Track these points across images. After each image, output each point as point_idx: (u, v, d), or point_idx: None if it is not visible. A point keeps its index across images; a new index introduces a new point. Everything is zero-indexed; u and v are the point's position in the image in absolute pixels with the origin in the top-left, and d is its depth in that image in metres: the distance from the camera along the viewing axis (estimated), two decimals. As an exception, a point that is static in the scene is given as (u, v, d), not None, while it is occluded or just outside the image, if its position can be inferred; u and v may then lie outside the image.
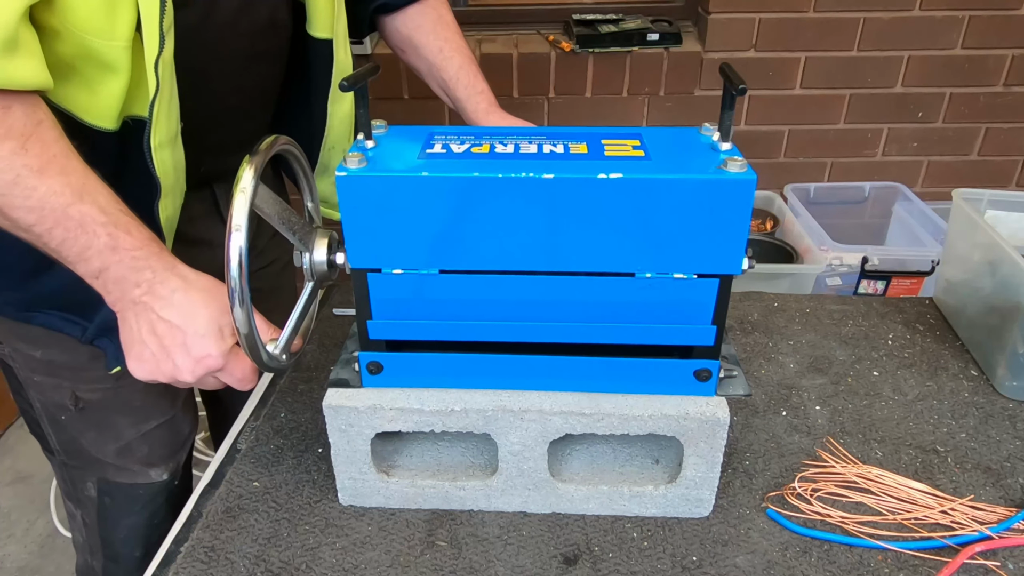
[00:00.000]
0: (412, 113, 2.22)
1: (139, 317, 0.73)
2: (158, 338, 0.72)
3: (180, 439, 1.07)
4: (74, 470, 1.05)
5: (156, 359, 0.73)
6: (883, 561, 0.74)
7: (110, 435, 1.00)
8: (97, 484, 1.04)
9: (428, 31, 1.10)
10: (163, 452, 1.05)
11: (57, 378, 0.96)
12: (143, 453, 1.03)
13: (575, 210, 0.65)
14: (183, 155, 0.82)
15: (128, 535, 1.08)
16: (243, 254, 0.63)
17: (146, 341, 0.73)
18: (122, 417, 1.00)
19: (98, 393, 0.97)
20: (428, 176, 0.65)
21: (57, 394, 0.97)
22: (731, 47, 2.19)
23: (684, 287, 0.69)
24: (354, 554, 0.76)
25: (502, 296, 0.71)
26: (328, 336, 1.08)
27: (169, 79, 0.75)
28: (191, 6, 0.76)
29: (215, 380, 0.76)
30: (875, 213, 2.25)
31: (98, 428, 1.00)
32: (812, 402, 0.96)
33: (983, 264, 1.03)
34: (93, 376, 0.95)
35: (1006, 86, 2.28)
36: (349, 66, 0.98)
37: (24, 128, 0.66)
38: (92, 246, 0.70)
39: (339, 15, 0.95)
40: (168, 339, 0.72)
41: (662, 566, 0.74)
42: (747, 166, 0.64)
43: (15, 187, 0.66)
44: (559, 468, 0.81)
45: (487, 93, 1.13)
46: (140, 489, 1.05)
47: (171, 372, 0.73)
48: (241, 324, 0.65)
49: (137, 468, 1.03)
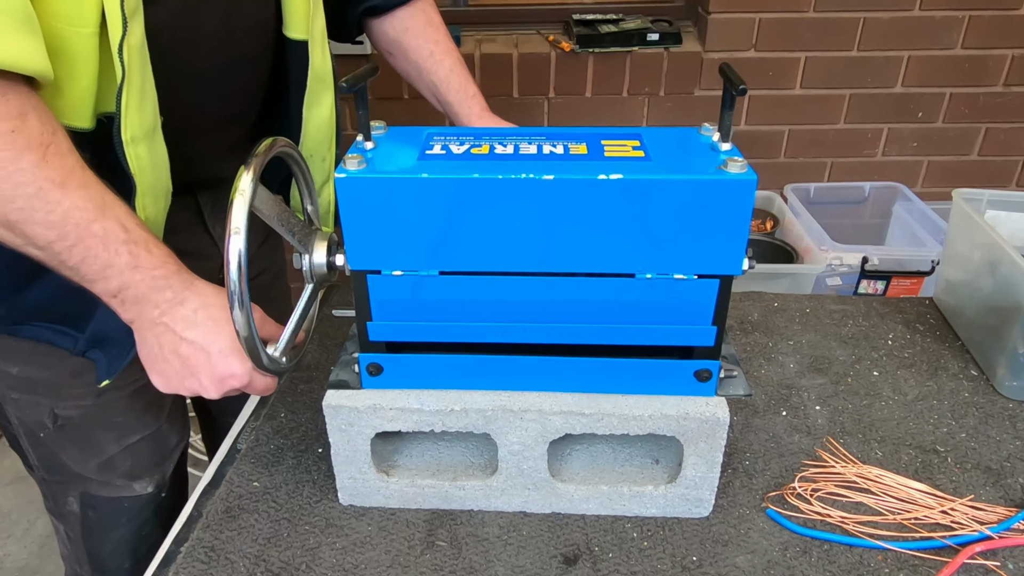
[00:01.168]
0: (412, 113, 2.21)
1: (160, 337, 0.72)
2: (182, 358, 0.72)
3: (166, 450, 1.04)
4: (55, 485, 1.02)
5: (181, 376, 0.73)
6: (883, 561, 0.74)
7: (91, 451, 0.98)
8: (80, 499, 1.01)
9: (418, 33, 1.09)
10: (148, 464, 1.02)
11: (35, 395, 0.93)
12: (126, 467, 1.00)
13: (575, 211, 0.65)
14: (165, 154, 0.78)
15: (115, 548, 1.05)
16: (242, 257, 0.63)
17: (169, 360, 0.72)
18: (104, 432, 0.97)
19: (78, 410, 0.94)
20: (427, 177, 0.65)
21: (35, 412, 0.94)
22: (731, 47, 2.19)
23: (684, 288, 0.69)
24: (354, 554, 0.76)
25: (502, 297, 0.71)
26: (328, 336, 1.08)
27: (139, 68, 0.71)
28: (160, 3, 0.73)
29: (237, 391, 0.76)
30: (875, 213, 2.25)
31: (78, 445, 0.97)
32: (812, 402, 0.96)
33: (983, 264, 1.03)
34: (73, 393, 0.93)
35: (1006, 86, 2.28)
36: (326, 69, 0.94)
37: (42, 138, 0.64)
38: (113, 264, 0.68)
39: (315, 15, 0.91)
40: (192, 360, 0.72)
41: (662, 566, 0.74)
42: (747, 166, 0.64)
43: (37, 201, 0.64)
44: (559, 468, 0.81)
45: (479, 97, 1.11)
46: (124, 502, 1.02)
47: (196, 389, 0.74)
48: (241, 327, 0.65)
49: (121, 482, 1.00)
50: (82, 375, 0.91)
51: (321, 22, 0.92)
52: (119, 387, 0.95)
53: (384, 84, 2.19)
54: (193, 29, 0.80)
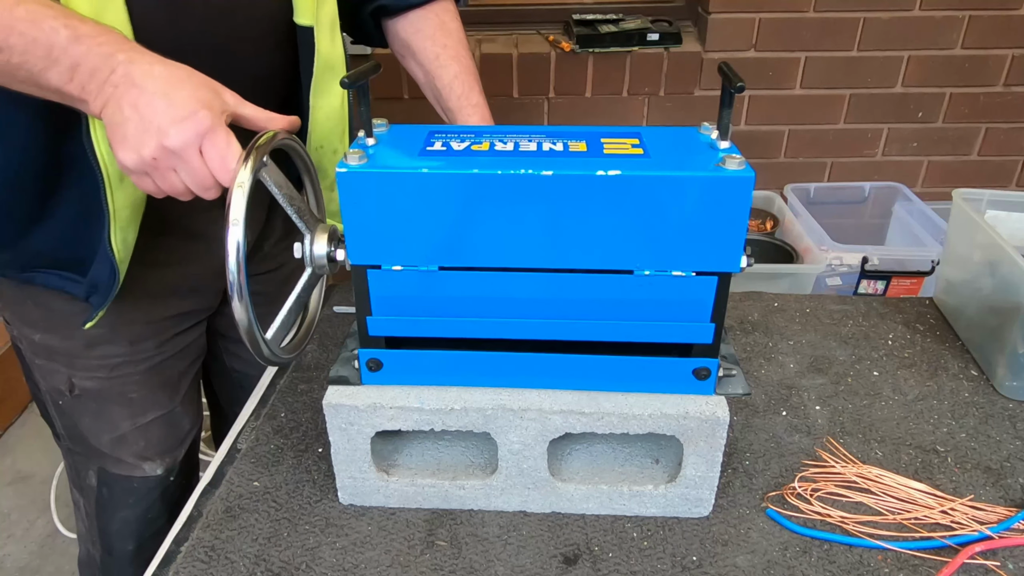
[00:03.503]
0: (413, 113, 2.21)
1: (121, 99, 0.67)
2: (139, 109, 0.66)
3: (179, 435, 1.07)
4: (77, 456, 1.05)
5: (140, 132, 0.66)
6: (883, 561, 0.74)
7: (105, 424, 1.01)
8: (97, 474, 1.05)
9: (427, 36, 1.07)
10: (160, 447, 1.04)
11: (54, 363, 0.97)
12: (139, 446, 1.03)
13: (574, 207, 0.65)
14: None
15: (121, 528, 1.08)
16: (241, 248, 0.62)
17: (128, 117, 0.67)
18: (118, 408, 1.00)
19: (94, 381, 0.98)
20: (428, 173, 0.65)
21: (55, 379, 0.98)
22: (731, 47, 2.19)
23: (683, 284, 0.69)
24: (354, 554, 0.76)
25: (501, 293, 0.71)
26: (328, 336, 1.08)
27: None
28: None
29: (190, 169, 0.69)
30: (875, 213, 2.25)
31: (93, 416, 1.01)
32: (812, 402, 0.96)
33: (983, 264, 1.03)
34: (88, 364, 0.96)
35: (1006, 86, 2.28)
36: (336, 57, 0.91)
37: None
38: (55, 43, 0.65)
39: (323, 1, 0.89)
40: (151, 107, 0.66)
41: (662, 566, 0.74)
42: (745, 164, 0.64)
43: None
44: (559, 467, 0.81)
45: (482, 108, 1.05)
46: (135, 482, 1.05)
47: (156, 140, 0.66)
48: (241, 317, 0.65)
49: (132, 460, 1.03)
50: (96, 347, 0.95)
51: (330, 9, 0.90)
52: (134, 362, 0.99)
53: (385, 84, 2.19)
54: (183, 14, 0.78)
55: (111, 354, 0.97)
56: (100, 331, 0.94)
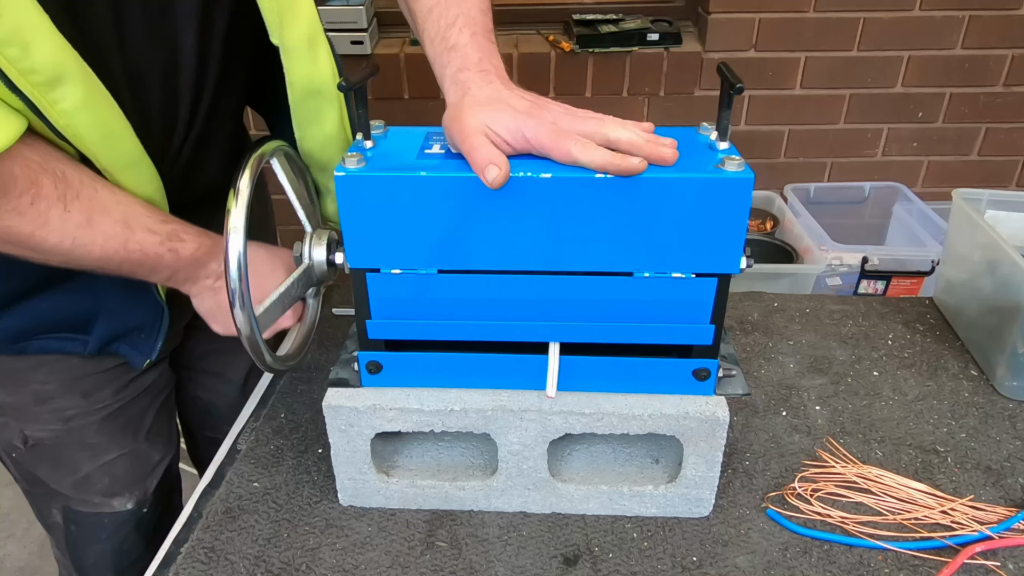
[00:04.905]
0: (412, 114, 2.22)
1: (217, 296, 0.81)
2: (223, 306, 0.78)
3: (147, 467, 1.01)
4: (38, 497, 1.01)
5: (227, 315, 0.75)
6: (883, 561, 0.74)
7: (65, 469, 0.96)
8: (62, 512, 1.00)
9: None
10: (127, 481, 0.99)
11: (5, 416, 0.92)
12: (104, 484, 0.97)
13: (573, 209, 0.65)
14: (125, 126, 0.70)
15: (97, 561, 1.03)
16: (241, 256, 0.63)
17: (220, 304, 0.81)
18: (78, 452, 0.95)
19: (48, 432, 0.92)
20: (426, 176, 0.65)
21: (7, 432, 0.93)
22: (731, 47, 2.19)
23: (682, 286, 0.69)
24: (354, 554, 0.76)
25: (500, 296, 0.71)
26: (328, 336, 1.08)
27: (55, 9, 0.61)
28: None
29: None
30: (875, 213, 2.25)
31: (52, 463, 0.95)
32: (812, 402, 0.96)
33: (983, 264, 1.03)
34: (39, 417, 0.91)
35: (1006, 86, 2.28)
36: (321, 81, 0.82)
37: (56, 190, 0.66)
38: (160, 263, 0.75)
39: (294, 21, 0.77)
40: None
41: (662, 566, 0.74)
42: (745, 165, 0.64)
43: (76, 250, 0.70)
44: (559, 468, 0.81)
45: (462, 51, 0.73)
46: (104, 518, 0.99)
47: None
48: (243, 326, 0.66)
49: (99, 499, 0.98)
50: (47, 402, 0.90)
51: (304, 29, 0.78)
52: (89, 412, 0.93)
53: (384, 84, 2.19)
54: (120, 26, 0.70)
55: (65, 407, 0.91)
56: (49, 387, 0.89)
